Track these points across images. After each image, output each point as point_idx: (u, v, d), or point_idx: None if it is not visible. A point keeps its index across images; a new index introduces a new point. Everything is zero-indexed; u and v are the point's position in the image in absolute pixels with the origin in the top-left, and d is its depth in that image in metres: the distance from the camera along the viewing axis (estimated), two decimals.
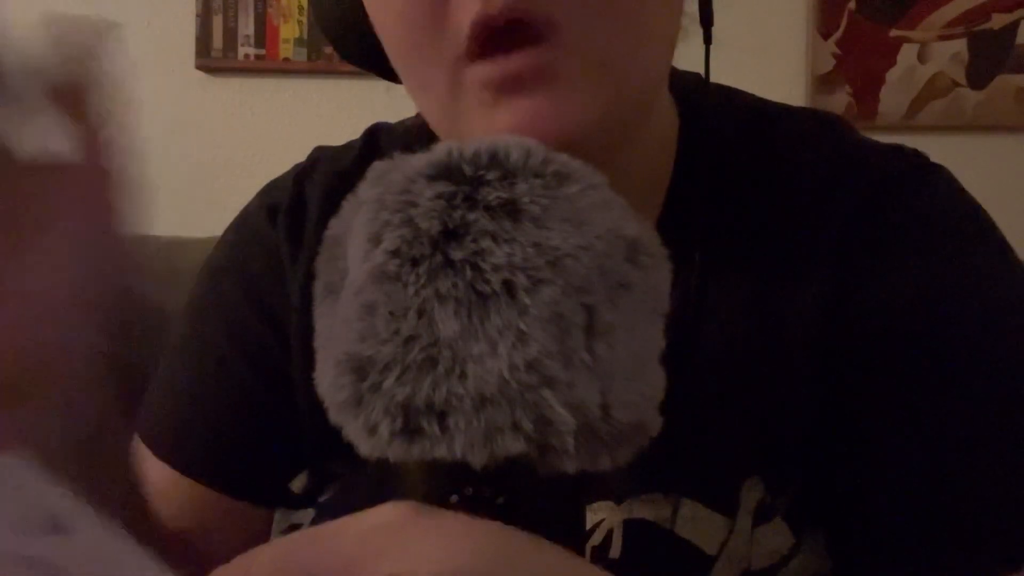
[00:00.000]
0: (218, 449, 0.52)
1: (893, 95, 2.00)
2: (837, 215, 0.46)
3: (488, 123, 0.40)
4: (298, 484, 0.52)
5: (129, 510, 0.37)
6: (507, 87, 0.39)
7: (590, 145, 0.37)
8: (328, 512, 0.50)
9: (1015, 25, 1.99)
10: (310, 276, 0.33)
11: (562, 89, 0.39)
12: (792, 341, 0.45)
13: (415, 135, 0.55)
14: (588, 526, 0.45)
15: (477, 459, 0.27)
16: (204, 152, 2.00)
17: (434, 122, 0.44)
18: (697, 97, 0.51)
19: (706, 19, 0.48)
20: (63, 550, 0.20)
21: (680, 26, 0.46)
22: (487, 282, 0.28)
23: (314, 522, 0.50)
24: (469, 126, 0.41)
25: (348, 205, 0.32)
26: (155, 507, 0.44)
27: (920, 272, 0.45)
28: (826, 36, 2.00)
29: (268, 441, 0.52)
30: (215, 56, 1.98)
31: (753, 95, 0.54)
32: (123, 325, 0.30)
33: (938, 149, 0.50)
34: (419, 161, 0.31)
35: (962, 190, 0.48)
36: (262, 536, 0.52)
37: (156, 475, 0.51)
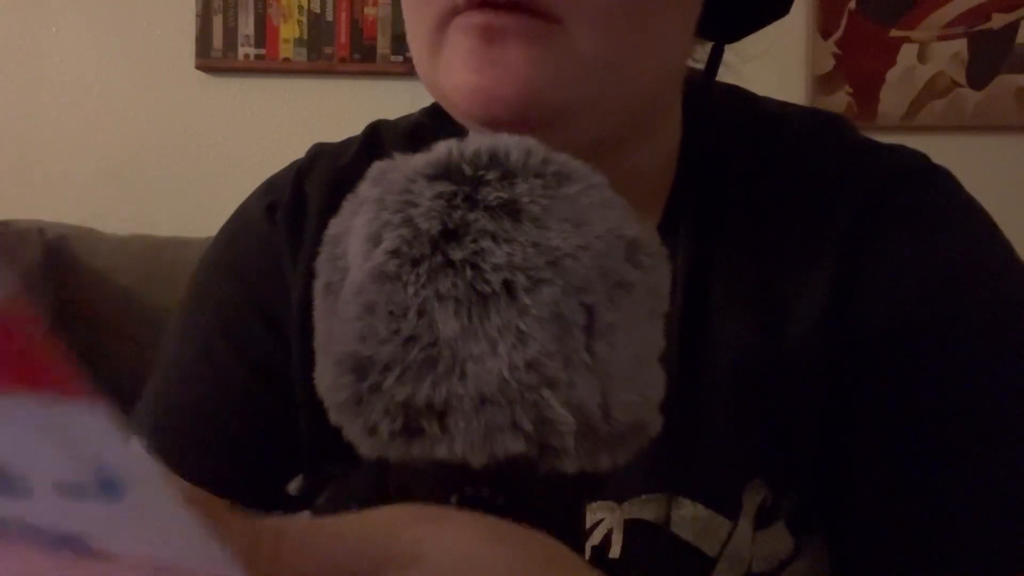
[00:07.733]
0: (213, 451, 0.52)
1: (893, 95, 2.00)
2: (841, 215, 0.46)
3: (456, 67, 0.39)
4: (294, 486, 0.51)
5: None
6: (488, 36, 0.38)
7: (554, 129, 0.37)
8: (324, 515, 0.49)
9: (1015, 25, 1.98)
10: (311, 275, 0.33)
11: (543, 56, 0.38)
12: (797, 341, 0.45)
13: (416, 131, 0.55)
14: (588, 526, 0.45)
15: (477, 459, 0.27)
16: (204, 152, 1.99)
17: (419, 69, 0.44)
18: (701, 96, 0.51)
19: (717, 28, 0.48)
20: (104, 517, 0.18)
21: (691, 45, 0.46)
22: (487, 282, 0.27)
23: None
24: (446, 75, 0.40)
25: (348, 205, 0.32)
26: None
27: (923, 272, 0.45)
28: (826, 36, 2.00)
29: (264, 443, 0.52)
30: (215, 56, 1.97)
31: (755, 94, 0.54)
32: None
33: (938, 149, 0.50)
34: (419, 161, 0.31)
35: (964, 191, 0.48)
36: None
37: None
